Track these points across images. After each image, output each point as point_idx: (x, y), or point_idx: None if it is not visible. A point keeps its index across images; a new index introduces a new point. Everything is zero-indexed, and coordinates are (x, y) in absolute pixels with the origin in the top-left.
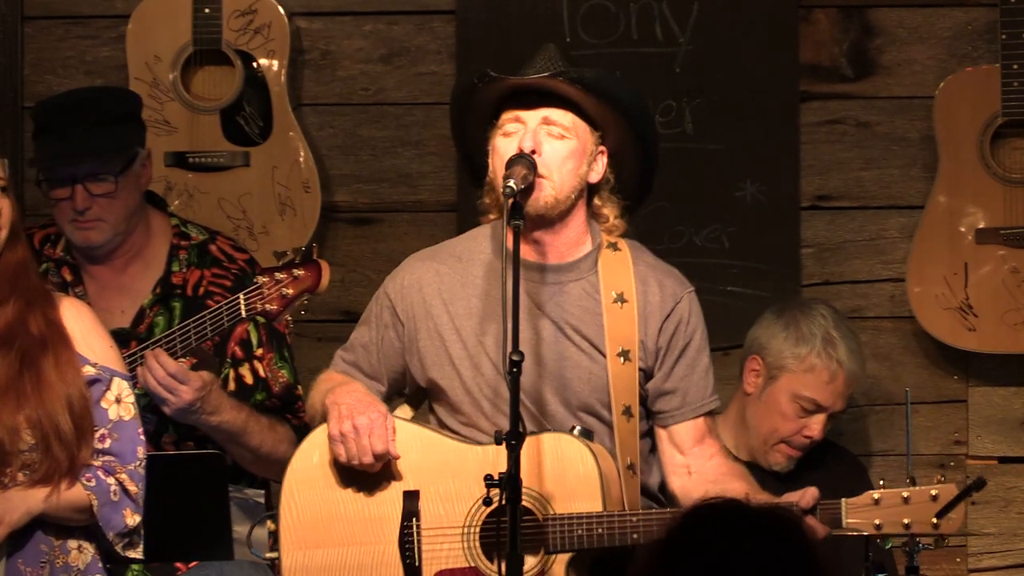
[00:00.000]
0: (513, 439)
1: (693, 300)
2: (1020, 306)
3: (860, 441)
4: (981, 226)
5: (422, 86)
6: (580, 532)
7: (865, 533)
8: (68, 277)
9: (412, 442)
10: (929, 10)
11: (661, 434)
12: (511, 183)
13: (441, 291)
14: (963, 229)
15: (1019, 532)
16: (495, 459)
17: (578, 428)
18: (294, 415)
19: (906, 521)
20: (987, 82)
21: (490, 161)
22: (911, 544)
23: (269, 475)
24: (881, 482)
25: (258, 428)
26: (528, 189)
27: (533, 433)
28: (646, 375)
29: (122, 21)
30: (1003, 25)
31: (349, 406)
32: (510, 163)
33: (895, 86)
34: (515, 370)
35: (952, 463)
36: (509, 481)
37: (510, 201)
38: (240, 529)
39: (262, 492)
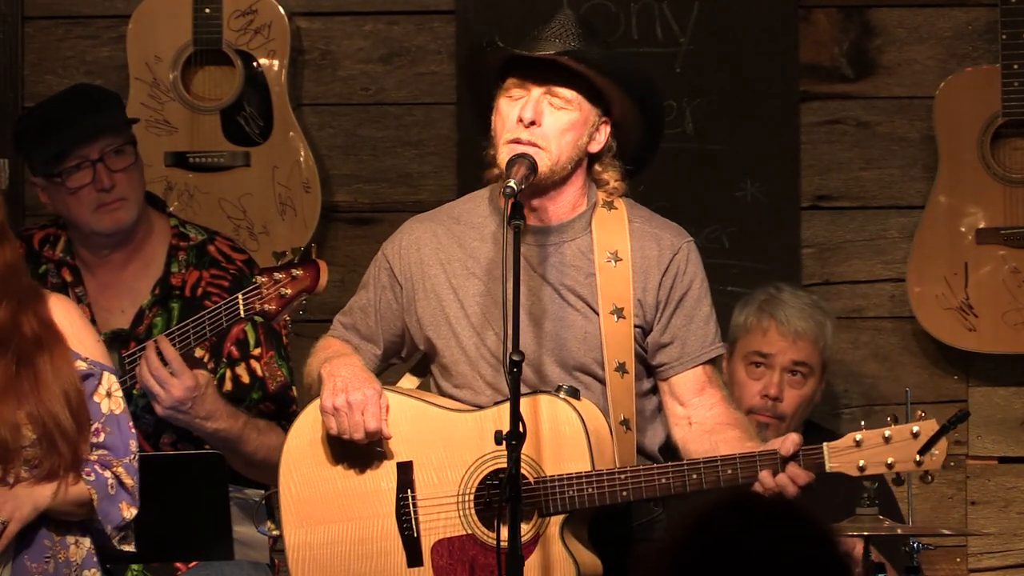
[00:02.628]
0: (513, 439)
1: (692, 250)
2: (1020, 306)
3: None
4: (981, 226)
5: (422, 86)
6: (571, 493)
7: (850, 475)
8: (68, 278)
9: (401, 413)
10: (929, 10)
11: (663, 387)
12: (511, 183)
13: (439, 251)
14: (963, 229)
15: (1019, 532)
16: (483, 425)
17: (565, 388)
18: (288, 420)
19: (889, 460)
20: (987, 82)
21: (493, 118)
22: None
23: (264, 480)
24: (862, 423)
25: (254, 435)
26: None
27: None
28: (644, 332)
29: (122, 21)
30: (1003, 25)
31: (345, 379)
32: (510, 163)
33: (895, 86)
34: (515, 370)
35: (952, 463)
36: (509, 481)
37: (511, 201)
38: (240, 529)
39: (262, 492)
